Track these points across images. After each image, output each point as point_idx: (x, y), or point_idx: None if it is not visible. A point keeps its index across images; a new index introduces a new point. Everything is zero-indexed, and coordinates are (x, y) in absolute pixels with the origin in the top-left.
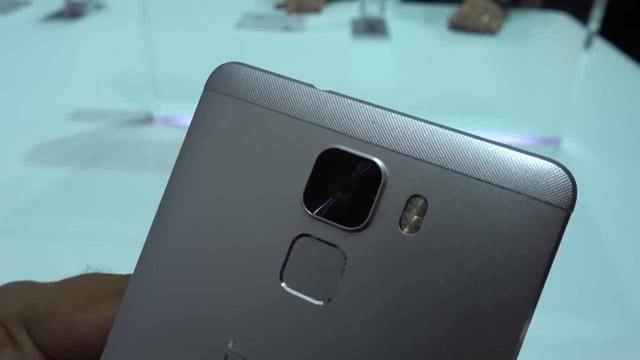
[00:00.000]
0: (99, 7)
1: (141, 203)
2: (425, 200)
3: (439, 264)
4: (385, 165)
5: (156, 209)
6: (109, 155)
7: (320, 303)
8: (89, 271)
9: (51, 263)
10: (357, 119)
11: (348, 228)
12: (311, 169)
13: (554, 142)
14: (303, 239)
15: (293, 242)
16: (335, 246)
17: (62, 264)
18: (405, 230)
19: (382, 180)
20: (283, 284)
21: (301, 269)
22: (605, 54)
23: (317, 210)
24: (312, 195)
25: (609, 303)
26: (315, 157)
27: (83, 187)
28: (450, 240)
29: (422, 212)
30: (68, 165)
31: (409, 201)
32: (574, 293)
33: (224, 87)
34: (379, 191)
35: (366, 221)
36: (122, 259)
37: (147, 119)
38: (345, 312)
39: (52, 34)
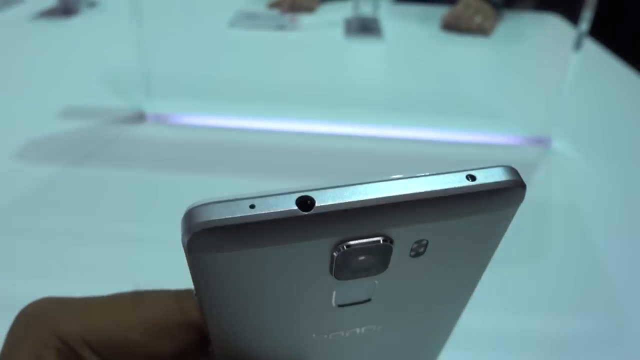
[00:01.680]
0: (92, 4)
1: (133, 201)
2: (425, 239)
3: (438, 268)
4: (391, 235)
5: (147, 206)
6: (101, 152)
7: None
8: (139, 288)
9: (42, 261)
10: (348, 222)
11: (375, 276)
12: (332, 269)
13: (544, 142)
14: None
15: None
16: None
17: (52, 262)
18: (412, 254)
19: (392, 246)
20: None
21: (347, 292)
22: (596, 54)
23: (349, 278)
24: (341, 275)
25: (597, 301)
26: (329, 261)
27: (74, 185)
28: (444, 253)
29: (425, 244)
30: (59, 162)
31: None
32: (562, 291)
33: (210, 247)
34: (392, 253)
35: (388, 268)
36: (115, 256)
37: (140, 117)
38: (381, 304)
39: (44, 31)
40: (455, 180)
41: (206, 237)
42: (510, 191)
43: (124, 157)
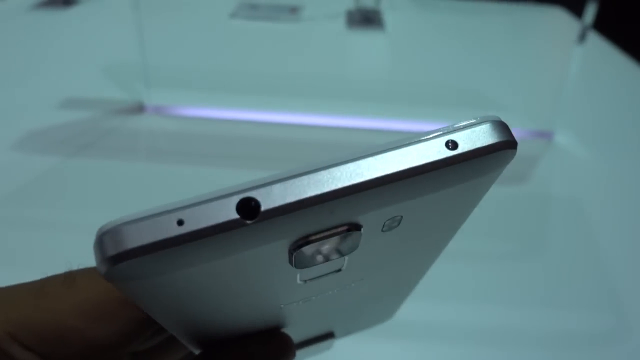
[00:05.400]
0: None
1: (131, 192)
2: (398, 215)
3: (413, 234)
4: (358, 222)
5: (146, 197)
6: (100, 144)
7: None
8: (74, 268)
9: (39, 252)
10: (304, 221)
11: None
12: (292, 262)
13: (547, 135)
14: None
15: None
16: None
17: (49, 253)
18: (385, 230)
19: (360, 232)
20: (303, 282)
21: (313, 270)
22: (600, 48)
23: (313, 265)
24: (303, 265)
25: (600, 295)
26: (287, 257)
27: (73, 176)
28: (420, 222)
29: (399, 219)
30: (58, 153)
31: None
32: (564, 285)
33: (133, 276)
34: (361, 238)
35: (357, 248)
36: None
37: (139, 108)
38: (352, 271)
39: (44, 21)
40: (433, 151)
41: (125, 267)
42: (498, 154)
43: (122, 148)
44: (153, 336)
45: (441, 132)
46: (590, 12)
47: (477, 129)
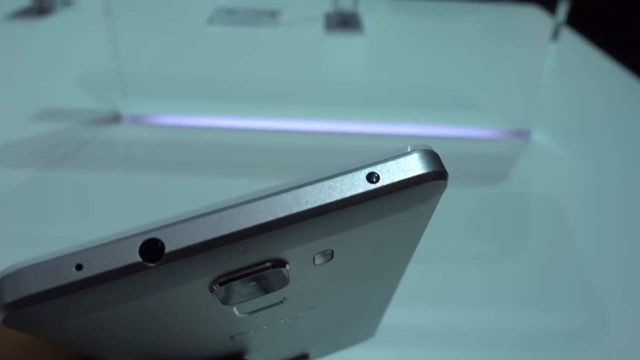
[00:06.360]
0: (67, 3)
1: (108, 204)
2: (328, 249)
3: (353, 266)
4: (281, 257)
5: (124, 209)
6: (76, 155)
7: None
8: None
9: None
10: (215, 260)
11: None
12: (217, 300)
13: (523, 134)
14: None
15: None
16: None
17: None
18: (317, 263)
19: (286, 268)
20: (243, 315)
21: (250, 303)
22: (574, 44)
23: (243, 301)
24: (230, 302)
25: (577, 294)
26: (210, 296)
27: (48, 189)
28: (355, 255)
29: (329, 252)
30: (32, 166)
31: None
32: (541, 285)
33: (34, 322)
34: (289, 272)
35: (289, 283)
36: None
37: (115, 118)
38: (297, 301)
39: (18, 31)
40: (353, 185)
41: (23, 314)
42: (427, 185)
43: (99, 159)
44: None
45: (364, 165)
46: (563, 9)
47: (402, 160)
